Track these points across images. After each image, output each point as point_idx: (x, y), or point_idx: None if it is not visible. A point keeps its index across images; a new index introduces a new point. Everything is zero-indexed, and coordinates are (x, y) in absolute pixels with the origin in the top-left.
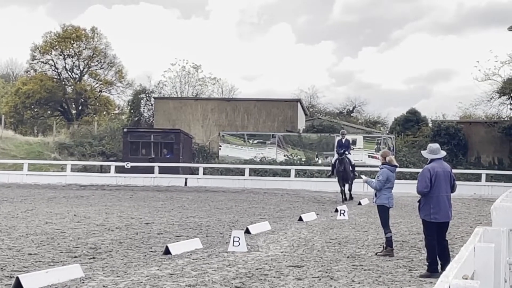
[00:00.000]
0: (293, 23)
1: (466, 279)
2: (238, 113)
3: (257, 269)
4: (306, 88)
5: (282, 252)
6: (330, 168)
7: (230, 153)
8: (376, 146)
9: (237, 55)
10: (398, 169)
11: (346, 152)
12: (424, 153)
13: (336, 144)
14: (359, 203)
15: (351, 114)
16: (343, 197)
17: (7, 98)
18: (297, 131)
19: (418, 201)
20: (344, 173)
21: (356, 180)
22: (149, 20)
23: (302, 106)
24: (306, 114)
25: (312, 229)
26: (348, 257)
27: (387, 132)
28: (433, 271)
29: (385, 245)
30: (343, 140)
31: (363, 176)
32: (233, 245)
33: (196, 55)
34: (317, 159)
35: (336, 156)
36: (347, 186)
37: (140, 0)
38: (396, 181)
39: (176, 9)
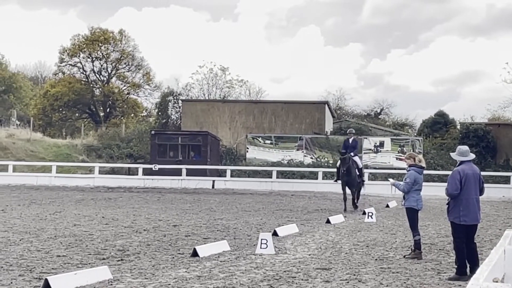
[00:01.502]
0: (322, 25)
1: (497, 282)
2: (265, 115)
3: (284, 271)
4: (334, 90)
5: (309, 255)
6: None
7: (257, 155)
8: (399, 148)
9: (265, 57)
10: (426, 172)
11: (351, 154)
12: (453, 155)
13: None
14: (387, 206)
15: (379, 116)
16: (345, 206)
17: (36, 100)
18: (325, 133)
19: (447, 204)
20: (348, 177)
21: (367, 182)
22: (178, 22)
23: (329, 108)
24: (333, 117)
25: (339, 231)
26: (376, 259)
27: (415, 134)
28: (462, 274)
29: (413, 248)
30: (350, 140)
31: (390, 179)
32: (260, 248)
33: (224, 57)
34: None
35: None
36: (350, 191)
37: (170, 2)
38: (424, 183)
39: (206, 11)
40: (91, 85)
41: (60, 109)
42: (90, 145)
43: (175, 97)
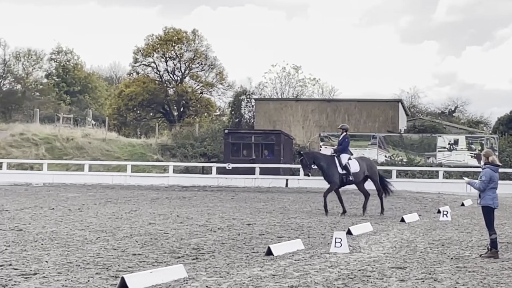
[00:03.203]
0: (396, 23)
1: None
2: (338, 113)
3: (359, 270)
4: (408, 88)
5: (384, 253)
6: (431, 168)
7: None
8: (467, 146)
9: (338, 55)
10: (502, 170)
11: (334, 152)
12: None
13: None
14: (462, 204)
15: (453, 114)
16: (343, 207)
17: (111, 100)
18: (398, 132)
19: None
20: (325, 177)
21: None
22: (252, 21)
23: (403, 107)
24: (407, 115)
25: (414, 230)
26: (451, 258)
27: (490, 132)
28: None
29: (489, 247)
30: (341, 136)
31: (465, 178)
32: (335, 246)
33: (297, 56)
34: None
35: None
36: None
37: (245, 2)
38: (500, 181)
39: (281, 10)
40: (165, 84)
41: (135, 109)
42: (165, 144)
43: (248, 96)
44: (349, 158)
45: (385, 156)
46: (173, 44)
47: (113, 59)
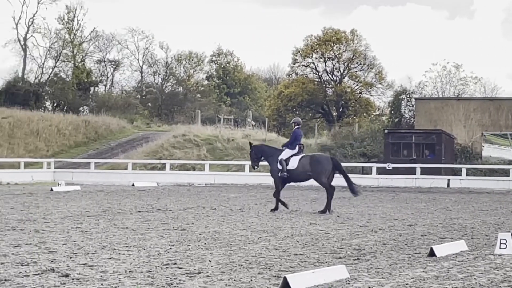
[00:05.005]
0: None
1: None
2: (501, 112)
3: None
4: None
5: None
6: None
7: (493, 153)
8: None
9: (501, 53)
10: None
11: (284, 148)
12: None
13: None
14: None
15: None
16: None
17: (270, 101)
18: None
19: None
20: (270, 171)
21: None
22: (414, 21)
23: None
24: None
25: None
26: None
27: None
28: None
29: None
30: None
31: None
32: (500, 248)
33: (457, 54)
34: None
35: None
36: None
37: (407, 1)
38: None
39: (444, 9)
40: (324, 85)
41: (294, 109)
42: (324, 144)
43: (408, 96)
44: (295, 154)
45: None
46: (332, 44)
47: (272, 61)
